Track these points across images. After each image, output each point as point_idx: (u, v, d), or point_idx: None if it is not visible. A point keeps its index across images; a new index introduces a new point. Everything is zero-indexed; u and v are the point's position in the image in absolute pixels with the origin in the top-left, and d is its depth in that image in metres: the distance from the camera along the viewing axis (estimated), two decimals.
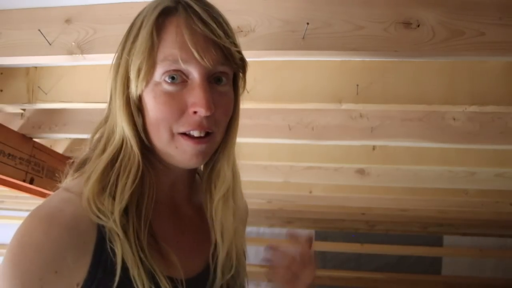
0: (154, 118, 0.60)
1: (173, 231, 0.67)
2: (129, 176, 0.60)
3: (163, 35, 0.59)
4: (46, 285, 0.54)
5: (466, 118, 1.45)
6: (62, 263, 0.54)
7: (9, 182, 1.76)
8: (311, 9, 0.96)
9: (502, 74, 1.21)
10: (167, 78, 0.59)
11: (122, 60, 0.62)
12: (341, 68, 1.27)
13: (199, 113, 0.58)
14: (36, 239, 0.54)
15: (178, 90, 0.59)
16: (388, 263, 4.36)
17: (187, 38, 0.58)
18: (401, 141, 1.51)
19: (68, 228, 0.55)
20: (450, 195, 2.43)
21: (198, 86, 0.59)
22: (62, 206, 0.58)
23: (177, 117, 0.59)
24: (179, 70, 0.59)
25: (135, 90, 0.60)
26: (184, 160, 0.61)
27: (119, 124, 0.61)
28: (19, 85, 1.42)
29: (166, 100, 0.59)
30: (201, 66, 0.59)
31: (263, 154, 1.93)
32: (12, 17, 1.09)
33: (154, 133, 0.61)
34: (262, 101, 1.28)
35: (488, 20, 0.90)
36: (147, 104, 0.60)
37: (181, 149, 0.60)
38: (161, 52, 0.59)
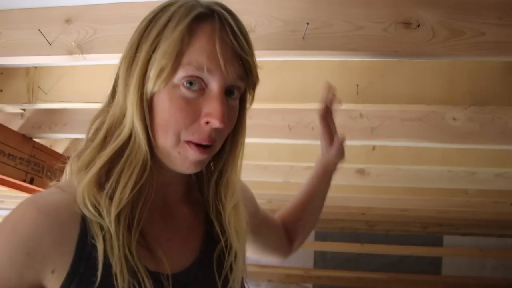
0: (165, 120, 0.59)
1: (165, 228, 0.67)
2: (132, 175, 0.59)
3: (193, 41, 0.58)
4: (15, 265, 0.55)
5: (466, 118, 1.45)
6: (36, 246, 0.55)
7: (9, 182, 1.76)
8: (311, 9, 0.96)
9: (502, 74, 1.21)
10: (186, 83, 0.58)
11: (142, 54, 0.60)
12: (341, 68, 1.27)
13: (211, 124, 0.58)
14: (14, 220, 0.56)
15: (195, 97, 0.59)
16: (388, 263, 4.37)
17: (218, 48, 0.58)
18: (401, 141, 1.51)
19: (45, 213, 0.56)
20: (450, 195, 2.43)
21: (216, 98, 0.58)
22: (45, 195, 0.59)
23: (188, 125, 0.59)
24: (200, 77, 0.58)
25: (151, 88, 0.59)
26: (182, 166, 0.61)
27: (129, 119, 0.60)
28: (19, 85, 1.43)
29: (181, 105, 0.58)
30: (223, 78, 0.59)
31: (263, 154, 1.93)
32: (12, 17, 1.09)
33: (161, 134, 0.60)
34: (262, 101, 1.28)
35: (488, 20, 0.90)
36: (160, 104, 0.59)
37: (184, 155, 0.60)
38: (187, 56, 0.58)
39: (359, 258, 4.43)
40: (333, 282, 4.41)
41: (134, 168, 0.59)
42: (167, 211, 0.69)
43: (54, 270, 0.56)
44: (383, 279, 4.24)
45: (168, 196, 0.69)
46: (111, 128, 0.62)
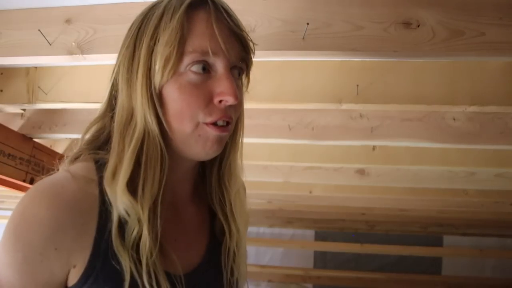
0: (179, 108, 0.60)
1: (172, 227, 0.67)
2: (156, 171, 0.60)
3: (192, 27, 0.60)
4: (45, 260, 0.55)
5: (466, 118, 1.45)
6: (62, 240, 0.55)
7: (9, 182, 1.76)
8: (311, 9, 0.96)
9: (502, 74, 1.21)
10: (195, 68, 0.60)
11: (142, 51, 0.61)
12: (341, 68, 1.26)
13: (225, 101, 0.60)
14: (39, 213, 0.55)
15: (203, 80, 0.60)
16: (388, 263, 4.36)
17: (216, 30, 0.60)
18: (401, 141, 1.51)
19: (69, 206, 0.56)
20: (450, 195, 2.43)
21: (225, 76, 0.60)
22: (64, 183, 0.58)
23: (203, 107, 0.60)
24: (205, 61, 0.60)
25: (159, 80, 0.60)
26: (204, 148, 0.62)
27: (140, 117, 0.60)
28: (19, 85, 1.42)
29: (192, 90, 0.60)
30: (227, 58, 0.61)
31: (263, 154, 1.93)
32: (13, 17, 1.09)
33: (177, 123, 0.61)
34: (262, 101, 1.28)
35: (488, 20, 0.90)
36: (171, 96, 0.60)
37: (204, 136, 0.61)
38: (190, 43, 0.59)
39: (359, 258, 4.43)
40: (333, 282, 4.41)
41: (155, 164, 0.60)
42: (176, 210, 0.69)
43: (76, 265, 0.57)
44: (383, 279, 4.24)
45: (177, 196, 0.70)
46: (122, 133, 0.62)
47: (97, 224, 0.58)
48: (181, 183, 0.70)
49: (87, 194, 0.58)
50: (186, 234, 0.69)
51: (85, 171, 0.61)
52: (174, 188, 0.68)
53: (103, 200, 0.59)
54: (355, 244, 4.22)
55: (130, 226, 0.58)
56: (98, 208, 0.58)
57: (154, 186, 0.59)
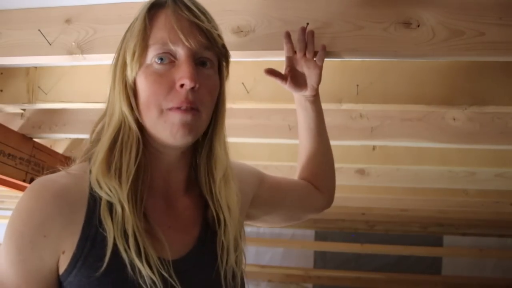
0: (146, 96, 0.65)
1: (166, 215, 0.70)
2: (131, 152, 0.65)
3: (154, 23, 0.66)
4: (36, 248, 0.59)
5: (466, 118, 1.45)
6: (50, 228, 0.60)
7: (9, 182, 1.76)
8: (311, 9, 0.96)
9: (502, 74, 1.21)
10: (157, 59, 0.65)
11: (121, 50, 0.69)
12: (341, 68, 1.27)
13: (185, 85, 0.63)
14: (28, 205, 0.61)
15: (167, 69, 0.65)
16: (388, 263, 4.37)
17: (174, 22, 0.65)
18: (401, 141, 1.51)
19: (56, 196, 0.61)
20: (450, 195, 2.43)
21: (184, 62, 0.65)
22: (55, 178, 0.64)
23: (166, 93, 0.64)
24: (168, 52, 0.65)
25: (130, 73, 0.66)
26: (172, 133, 0.65)
27: (117, 107, 0.67)
28: (19, 85, 1.43)
29: (155, 78, 0.65)
30: (187, 47, 0.65)
31: (263, 154, 1.93)
32: (12, 17, 1.09)
33: (145, 112, 0.66)
34: (262, 101, 1.28)
35: (488, 20, 0.90)
36: (140, 86, 0.66)
37: (169, 122, 0.64)
38: (152, 36, 0.66)
39: (359, 258, 4.43)
40: (333, 282, 4.41)
41: (131, 146, 0.65)
42: (170, 200, 0.72)
43: (65, 250, 0.60)
44: (383, 279, 4.24)
45: (171, 185, 0.72)
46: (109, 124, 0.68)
47: (86, 212, 0.62)
48: (173, 173, 0.72)
49: (77, 186, 0.64)
50: (180, 222, 0.71)
51: (80, 168, 0.67)
52: (166, 177, 0.71)
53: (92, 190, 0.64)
54: (355, 244, 4.22)
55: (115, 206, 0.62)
56: (88, 198, 0.63)
57: (130, 167, 0.64)
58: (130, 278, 0.60)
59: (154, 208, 0.68)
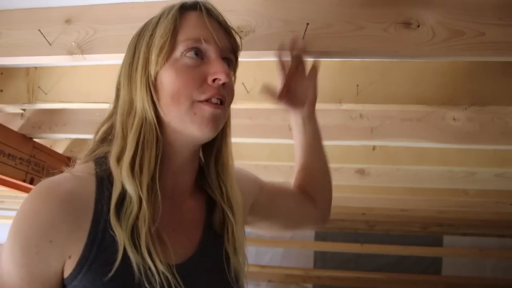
0: (176, 89, 0.65)
1: (171, 218, 0.69)
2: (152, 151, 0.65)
3: (184, 21, 0.68)
4: (41, 252, 0.58)
5: (466, 118, 1.45)
6: (56, 233, 0.59)
7: (9, 182, 1.76)
8: (311, 9, 0.96)
9: (502, 74, 1.21)
10: (189, 53, 0.66)
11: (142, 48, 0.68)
12: (341, 68, 1.26)
13: (219, 79, 0.66)
14: (35, 208, 0.60)
15: (198, 64, 0.67)
16: (388, 263, 4.37)
17: (207, 22, 0.68)
18: (401, 141, 1.51)
19: (62, 201, 0.60)
20: (450, 195, 2.43)
21: (217, 59, 0.67)
22: (61, 181, 0.63)
23: (198, 86, 0.66)
24: (198, 48, 0.67)
25: (154, 67, 0.66)
26: (201, 126, 0.65)
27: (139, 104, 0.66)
28: (19, 85, 1.43)
29: (188, 71, 0.66)
30: (218, 46, 0.68)
31: (263, 154, 1.93)
32: (12, 17, 1.09)
33: (173, 104, 0.66)
34: (262, 101, 1.28)
35: (488, 20, 0.90)
36: (168, 79, 0.66)
37: (200, 114, 0.65)
38: (183, 33, 0.67)
39: (359, 258, 4.43)
40: (333, 282, 4.41)
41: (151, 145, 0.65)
42: (175, 202, 0.72)
43: (71, 255, 0.60)
44: (383, 279, 4.24)
45: (178, 187, 0.72)
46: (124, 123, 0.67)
47: (92, 217, 0.61)
48: (181, 175, 0.72)
49: (83, 189, 0.62)
50: (183, 226, 0.71)
51: (85, 170, 0.66)
52: (174, 180, 0.71)
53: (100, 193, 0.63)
54: (355, 244, 4.22)
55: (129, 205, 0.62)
56: (94, 201, 0.62)
57: (150, 165, 0.64)
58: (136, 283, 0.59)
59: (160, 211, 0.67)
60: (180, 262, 0.66)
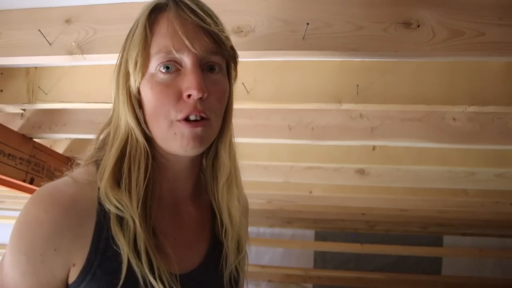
0: (153, 107, 0.62)
1: (172, 227, 0.68)
2: (140, 167, 0.63)
3: (155, 29, 0.63)
4: (46, 261, 0.58)
5: (466, 118, 1.45)
6: (60, 241, 0.58)
7: (9, 182, 1.76)
8: (311, 9, 0.96)
9: (502, 74, 1.21)
10: (162, 68, 0.62)
11: (123, 59, 0.65)
12: (341, 68, 1.26)
13: (192, 95, 0.61)
14: (39, 216, 0.58)
15: (172, 78, 0.62)
16: (388, 263, 4.36)
17: (177, 28, 0.61)
18: (401, 141, 1.51)
19: (65, 209, 0.59)
20: (450, 195, 2.43)
21: (190, 71, 0.61)
22: (62, 188, 0.61)
23: (174, 104, 0.61)
24: (173, 60, 0.62)
25: (134, 83, 0.63)
26: (182, 145, 0.63)
27: (123, 118, 0.64)
28: (19, 85, 1.42)
29: (162, 89, 0.62)
30: (193, 54, 0.61)
31: (263, 154, 1.93)
32: (13, 17, 1.09)
33: (153, 123, 0.63)
34: (262, 101, 1.28)
35: (488, 20, 0.90)
36: (145, 96, 0.63)
37: (179, 134, 0.62)
38: (155, 44, 0.62)
39: (359, 258, 4.43)
40: (333, 282, 4.40)
41: (139, 160, 0.63)
42: (176, 210, 0.70)
43: (75, 263, 0.59)
44: (383, 279, 4.24)
45: (178, 194, 0.71)
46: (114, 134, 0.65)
47: (95, 224, 0.60)
48: (181, 182, 0.70)
49: (85, 196, 0.61)
50: (186, 234, 0.70)
51: (86, 174, 0.64)
52: (173, 187, 0.69)
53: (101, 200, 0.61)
54: (355, 244, 4.21)
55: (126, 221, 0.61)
56: (96, 209, 0.61)
57: (139, 182, 0.62)
58: None
59: (161, 219, 0.66)
60: (185, 272, 0.65)
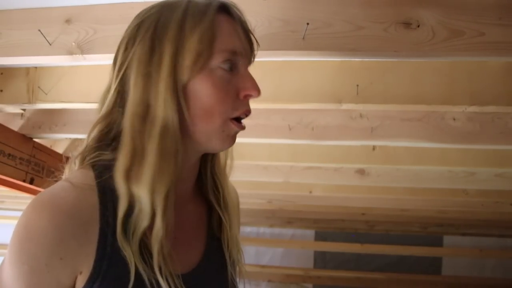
0: (210, 104, 0.62)
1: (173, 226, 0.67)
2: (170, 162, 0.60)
3: (221, 28, 0.64)
4: (52, 271, 0.56)
5: (466, 118, 1.45)
6: (66, 250, 0.56)
7: (9, 182, 1.75)
8: (311, 9, 0.96)
9: (502, 74, 1.21)
10: (226, 66, 0.63)
11: (167, 48, 0.61)
12: (341, 68, 1.26)
13: (252, 96, 0.66)
14: (41, 225, 0.55)
15: (231, 77, 0.65)
16: (388, 263, 4.36)
17: (240, 32, 0.66)
18: (401, 141, 1.51)
19: (70, 216, 0.57)
20: (450, 195, 2.43)
21: (248, 74, 0.67)
22: (63, 194, 0.58)
23: (232, 102, 0.64)
24: (233, 60, 0.65)
25: (188, 75, 0.61)
26: (224, 142, 0.65)
27: (161, 111, 0.60)
28: (19, 85, 1.42)
29: (224, 86, 0.63)
30: (247, 58, 0.69)
31: (263, 154, 1.93)
32: (13, 17, 1.09)
33: (204, 118, 0.63)
34: (262, 101, 1.28)
35: (488, 20, 0.90)
36: (202, 91, 0.62)
37: (227, 132, 0.65)
38: (220, 42, 0.63)
39: (359, 258, 4.43)
40: (333, 282, 4.40)
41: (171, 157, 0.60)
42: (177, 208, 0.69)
43: (82, 271, 0.57)
44: (383, 279, 4.24)
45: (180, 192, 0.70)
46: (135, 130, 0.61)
47: (100, 230, 0.58)
48: (184, 183, 0.71)
49: (86, 202, 0.59)
50: (185, 233, 0.70)
51: (84, 178, 0.61)
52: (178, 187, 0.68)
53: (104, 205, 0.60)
54: (355, 244, 4.21)
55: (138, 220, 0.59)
56: (99, 214, 0.59)
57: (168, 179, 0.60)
58: None
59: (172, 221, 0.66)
60: (186, 272, 0.65)
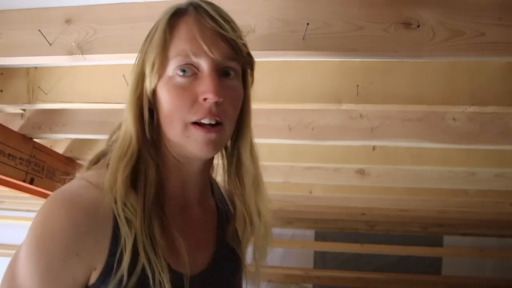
0: (168, 110, 0.63)
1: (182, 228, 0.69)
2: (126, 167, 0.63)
3: (175, 33, 0.64)
4: (68, 267, 0.57)
5: (466, 118, 1.45)
6: (82, 246, 0.58)
7: (9, 182, 1.76)
8: (311, 9, 0.96)
9: (502, 74, 1.21)
10: (179, 71, 0.63)
11: (140, 60, 0.67)
12: (341, 68, 1.26)
13: (208, 99, 0.62)
14: (59, 222, 0.57)
15: (189, 82, 0.63)
16: (388, 264, 4.36)
17: (196, 33, 0.63)
18: (401, 141, 1.51)
19: (88, 213, 0.59)
20: (450, 195, 2.43)
21: (207, 75, 0.63)
22: (81, 192, 0.61)
23: (189, 107, 0.62)
24: (190, 64, 0.63)
25: (149, 84, 0.64)
26: (195, 150, 0.64)
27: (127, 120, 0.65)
28: (19, 85, 1.42)
29: (178, 92, 0.63)
30: (210, 59, 0.63)
31: (263, 154, 1.91)
32: (13, 17, 1.09)
33: (168, 125, 0.64)
34: (262, 101, 1.28)
35: (488, 20, 0.90)
36: (161, 98, 0.64)
37: (193, 138, 0.63)
38: (173, 48, 0.63)
39: (359, 258, 4.42)
40: (333, 282, 4.40)
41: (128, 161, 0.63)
42: (186, 211, 0.71)
43: (96, 267, 0.59)
44: (383, 279, 4.24)
45: (187, 196, 0.72)
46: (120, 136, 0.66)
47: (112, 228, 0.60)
48: (191, 184, 0.71)
49: (102, 200, 0.61)
50: (195, 235, 0.71)
51: (99, 177, 0.63)
52: (184, 188, 0.70)
53: None
54: (355, 244, 4.21)
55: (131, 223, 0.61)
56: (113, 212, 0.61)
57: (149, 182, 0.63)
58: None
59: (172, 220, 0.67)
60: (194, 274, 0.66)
